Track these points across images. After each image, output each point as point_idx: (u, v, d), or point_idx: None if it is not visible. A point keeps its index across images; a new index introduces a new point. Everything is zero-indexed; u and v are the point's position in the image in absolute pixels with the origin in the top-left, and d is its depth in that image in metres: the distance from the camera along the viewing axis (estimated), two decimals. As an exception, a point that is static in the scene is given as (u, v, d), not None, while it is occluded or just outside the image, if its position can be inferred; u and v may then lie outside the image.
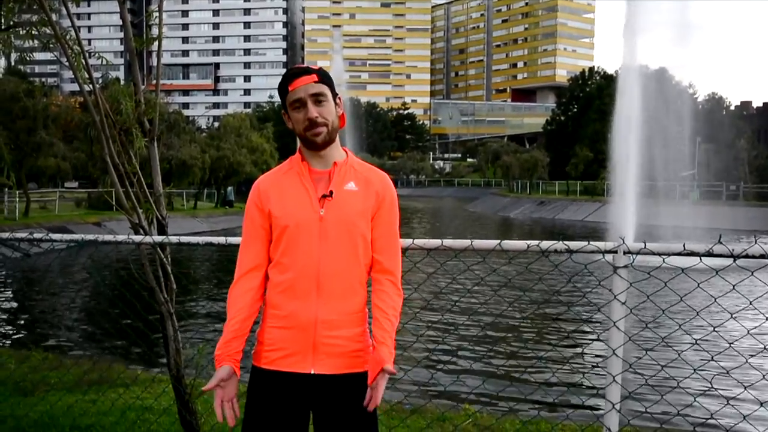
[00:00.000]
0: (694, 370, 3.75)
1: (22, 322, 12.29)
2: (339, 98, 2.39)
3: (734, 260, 2.73)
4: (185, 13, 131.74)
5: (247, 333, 2.36)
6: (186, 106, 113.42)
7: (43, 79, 54.88)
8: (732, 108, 65.65)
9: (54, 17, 3.64)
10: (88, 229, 24.51)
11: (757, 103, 71.56)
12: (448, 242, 3.07)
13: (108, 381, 5.61)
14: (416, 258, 3.28)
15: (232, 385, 2.29)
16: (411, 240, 3.04)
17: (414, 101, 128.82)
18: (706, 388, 4.71)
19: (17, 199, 27.18)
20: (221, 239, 3.46)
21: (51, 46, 3.84)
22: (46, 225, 23.66)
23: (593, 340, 10.21)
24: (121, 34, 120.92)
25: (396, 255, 2.42)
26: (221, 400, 2.27)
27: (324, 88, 2.30)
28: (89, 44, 3.79)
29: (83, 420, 4.55)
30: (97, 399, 4.93)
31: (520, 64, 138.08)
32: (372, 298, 2.39)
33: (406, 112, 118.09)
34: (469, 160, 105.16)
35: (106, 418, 4.58)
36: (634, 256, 2.91)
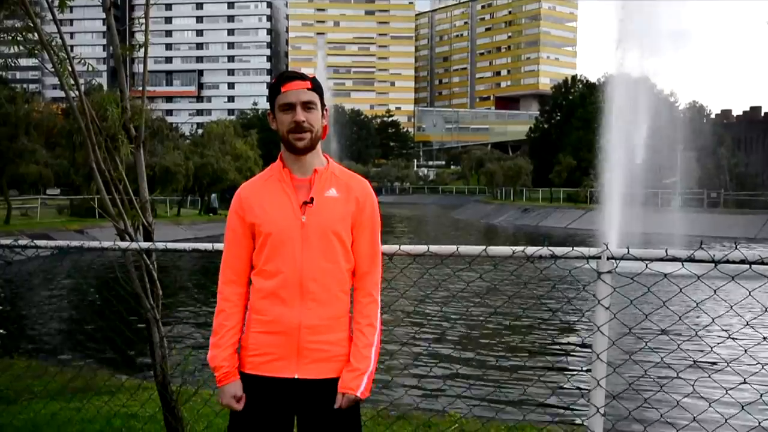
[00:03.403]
0: (677, 373, 3.81)
1: (5, 329, 12.15)
2: (326, 110, 2.43)
3: (715, 266, 2.78)
4: (168, 20, 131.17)
5: (238, 342, 2.40)
6: (169, 112, 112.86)
7: (25, 86, 54.50)
8: (713, 116, 66.36)
9: (38, 22, 3.63)
10: (70, 236, 24.26)
11: (737, 112, 72.39)
12: (434, 248, 3.09)
13: (93, 388, 5.57)
14: (402, 264, 3.30)
15: (241, 389, 2.37)
16: (397, 246, 3.06)
17: (398, 109, 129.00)
18: (689, 391, 4.77)
19: (-2, 206, 26.93)
20: (207, 245, 3.46)
21: (36, 52, 3.83)
22: (27, 232, 23.40)
23: (577, 345, 10.27)
24: (104, 41, 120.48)
25: (375, 262, 2.45)
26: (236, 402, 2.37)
27: (315, 97, 2.35)
28: (72, 50, 3.78)
29: (68, 428, 4.53)
30: (81, 407, 4.89)
31: (504, 72, 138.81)
32: (353, 310, 2.44)
33: (390, 119, 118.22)
34: (453, 167, 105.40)
35: (91, 426, 4.55)
36: (618, 261, 2.95)
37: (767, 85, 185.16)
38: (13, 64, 4.64)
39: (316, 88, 2.37)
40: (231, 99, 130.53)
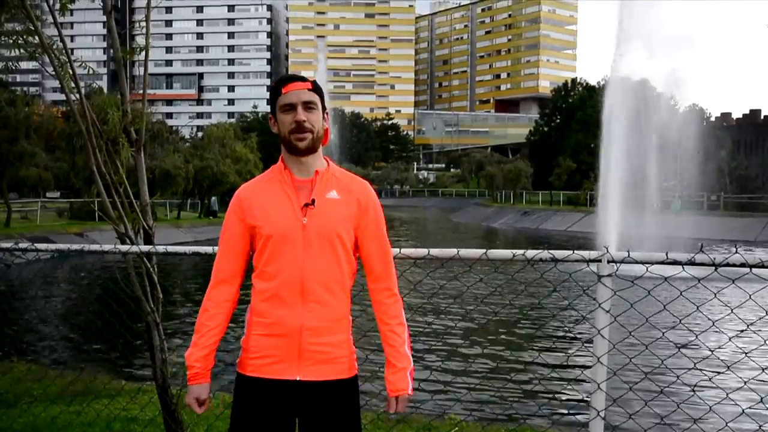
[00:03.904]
0: (677, 377, 3.81)
1: (5, 333, 12.14)
2: (327, 113, 2.43)
3: (716, 269, 2.78)
4: (169, 23, 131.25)
5: (218, 344, 2.41)
6: (170, 115, 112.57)
7: (25, 89, 54.47)
8: (713, 119, 66.37)
9: (38, 25, 3.64)
10: (70, 240, 24.29)
11: (736, 115, 72.45)
12: (435, 251, 3.10)
13: (93, 392, 5.56)
14: (403, 267, 3.30)
15: (207, 393, 2.41)
16: (398, 249, 3.06)
17: (398, 112, 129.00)
18: (690, 395, 4.77)
19: (-2, 210, 26.94)
20: (208, 249, 3.47)
21: (37, 55, 3.83)
22: (27, 235, 23.40)
23: (578, 348, 10.26)
24: (104, 44, 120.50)
25: (388, 261, 2.46)
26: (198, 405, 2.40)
27: (315, 98, 2.36)
28: (72, 53, 3.79)
29: (67, 431, 4.52)
30: (81, 410, 4.89)
31: (504, 75, 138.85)
32: (375, 313, 2.44)
33: (390, 122, 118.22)
34: (453, 170, 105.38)
35: (91, 430, 4.55)
36: (618, 265, 2.95)
37: (767, 88, 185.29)
38: (13, 67, 4.64)
39: (317, 89, 2.38)
40: (231, 102, 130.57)
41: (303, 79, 2.37)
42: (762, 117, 67.03)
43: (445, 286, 13.67)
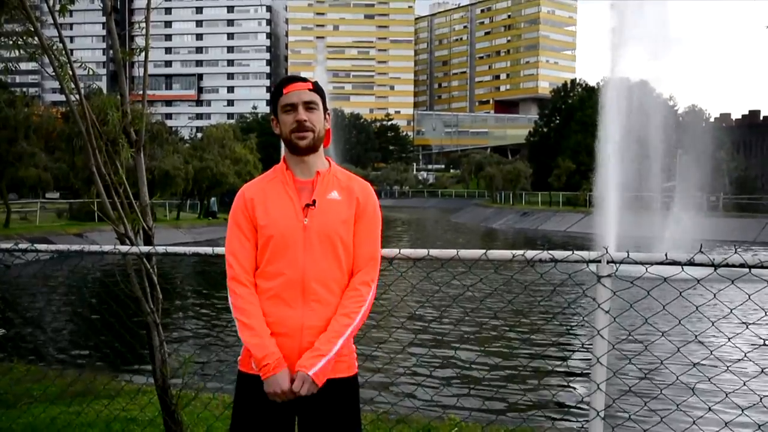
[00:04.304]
0: (677, 377, 3.81)
1: (5, 333, 12.13)
2: (328, 114, 2.45)
3: (715, 269, 2.78)
4: (168, 24, 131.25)
5: None
6: (169, 116, 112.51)
7: (24, 89, 54.41)
8: (712, 120, 66.39)
9: (38, 26, 3.64)
10: (69, 240, 24.27)
11: (735, 115, 72.54)
12: (435, 252, 3.09)
13: (93, 392, 5.56)
14: (402, 268, 3.31)
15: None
16: (398, 250, 3.06)
17: (397, 112, 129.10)
18: (689, 395, 4.78)
19: (-3, 210, 26.91)
20: (208, 249, 3.47)
21: (36, 56, 3.84)
22: (27, 236, 23.40)
23: (577, 348, 10.27)
24: (104, 45, 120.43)
25: (371, 261, 2.42)
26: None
27: (316, 98, 2.38)
28: (72, 54, 3.79)
29: (67, 432, 4.52)
30: (81, 411, 4.88)
31: (503, 76, 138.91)
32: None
33: (389, 123, 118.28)
34: (452, 171, 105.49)
35: (91, 430, 4.55)
36: (618, 265, 2.95)
37: (766, 89, 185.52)
38: (13, 68, 4.64)
39: (318, 89, 2.41)
40: (230, 103, 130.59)
41: (304, 80, 2.39)
42: (761, 118, 67.06)
43: (444, 287, 13.68)
